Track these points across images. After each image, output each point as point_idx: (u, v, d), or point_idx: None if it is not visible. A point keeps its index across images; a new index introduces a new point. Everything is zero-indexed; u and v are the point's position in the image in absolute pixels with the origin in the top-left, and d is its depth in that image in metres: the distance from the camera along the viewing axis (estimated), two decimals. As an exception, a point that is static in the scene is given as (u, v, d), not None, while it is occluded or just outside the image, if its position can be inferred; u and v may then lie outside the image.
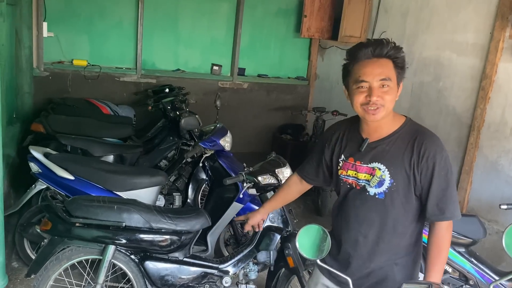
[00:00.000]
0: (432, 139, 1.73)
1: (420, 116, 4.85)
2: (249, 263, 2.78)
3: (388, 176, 1.73)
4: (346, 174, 1.85)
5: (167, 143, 4.59)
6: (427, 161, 1.69)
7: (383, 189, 1.75)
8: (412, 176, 1.71)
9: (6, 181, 3.37)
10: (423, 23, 4.87)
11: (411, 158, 1.70)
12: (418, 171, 1.70)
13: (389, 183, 1.73)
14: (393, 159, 1.73)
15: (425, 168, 1.69)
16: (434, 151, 1.70)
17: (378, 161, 1.76)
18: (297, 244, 1.69)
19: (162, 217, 2.55)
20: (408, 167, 1.71)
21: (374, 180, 1.76)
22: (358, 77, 1.71)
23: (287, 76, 7.14)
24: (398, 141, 1.75)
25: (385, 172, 1.73)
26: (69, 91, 5.72)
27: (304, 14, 6.49)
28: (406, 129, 1.78)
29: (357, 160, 1.82)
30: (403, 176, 1.72)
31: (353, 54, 1.75)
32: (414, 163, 1.70)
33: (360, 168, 1.81)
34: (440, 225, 1.75)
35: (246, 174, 2.79)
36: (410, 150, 1.71)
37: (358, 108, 1.74)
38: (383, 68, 1.69)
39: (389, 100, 1.70)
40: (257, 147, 6.78)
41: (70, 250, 2.51)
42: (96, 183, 3.24)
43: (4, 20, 3.80)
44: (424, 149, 1.69)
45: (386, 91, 1.69)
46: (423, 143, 1.70)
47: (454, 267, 3.06)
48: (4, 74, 3.66)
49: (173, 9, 6.19)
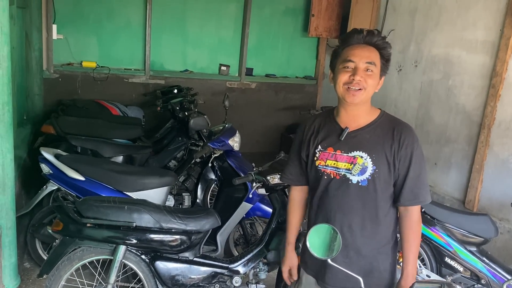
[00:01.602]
0: (409, 129, 1.83)
1: (429, 115, 4.82)
2: (259, 263, 2.78)
3: (370, 163, 1.78)
4: (325, 164, 1.87)
5: (176, 144, 4.61)
6: (406, 149, 1.78)
7: (366, 176, 1.79)
8: (392, 163, 1.79)
9: (17, 182, 3.41)
10: (432, 21, 4.84)
11: (392, 146, 1.78)
12: (398, 158, 1.78)
13: (372, 170, 1.78)
14: (374, 146, 1.80)
15: (404, 156, 1.78)
16: (412, 140, 1.79)
17: (359, 150, 1.80)
18: (307, 243, 1.69)
19: (172, 217, 2.56)
20: (389, 154, 1.78)
21: (356, 168, 1.80)
22: (346, 57, 1.80)
23: (295, 75, 7.14)
24: (377, 130, 1.82)
25: (367, 159, 1.79)
26: (79, 93, 5.77)
27: (312, 13, 6.48)
28: (383, 119, 1.86)
29: (337, 150, 1.84)
30: (384, 163, 1.79)
31: (345, 39, 1.85)
32: (394, 150, 1.78)
33: (341, 157, 1.83)
34: (414, 210, 1.85)
35: (255, 174, 2.80)
36: (390, 138, 1.79)
37: (340, 88, 1.81)
38: (370, 53, 1.79)
39: (371, 84, 1.78)
40: (266, 147, 6.78)
41: (82, 251, 2.53)
42: (106, 184, 3.26)
43: (14, 23, 3.84)
44: (404, 137, 1.78)
45: (370, 75, 1.78)
46: (402, 132, 1.79)
47: (465, 266, 3.04)
48: (15, 77, 3.70)
49: (180, 10, 6.21)
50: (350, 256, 1.86)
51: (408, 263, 1.85)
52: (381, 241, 1.88)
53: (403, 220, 1.87)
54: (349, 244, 1.84)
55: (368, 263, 1.87)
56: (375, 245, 1.87)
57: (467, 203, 4.29)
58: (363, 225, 1.85)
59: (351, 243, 1.85)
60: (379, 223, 1.86)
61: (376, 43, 1.80)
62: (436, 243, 3.07)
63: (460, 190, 4.44)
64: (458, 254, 3.03)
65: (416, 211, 1.85)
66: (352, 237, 1.85)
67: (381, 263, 1.89)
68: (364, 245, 1.86)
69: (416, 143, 1.80)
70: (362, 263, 1.87)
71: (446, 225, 3.06)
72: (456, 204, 4.39)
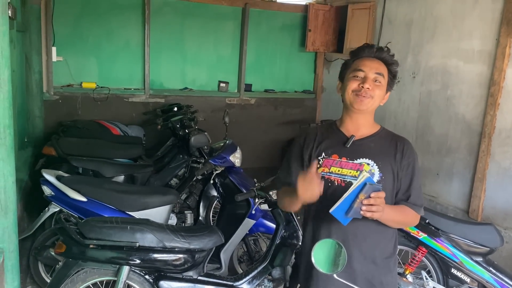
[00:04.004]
0: (408, 141, 1.92)
1: (429, 125, 4.83)
2: (264, 280, 2.76)
3: (377, 170, 1.83)
4: (329, 171, 1.86)
5: (177, 162, 4.61)
6: (408, 159, 1.86)
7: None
8: (396, 172, 1.84)
9: (19, 205, 3.40)
10: (428, 32, 4.88)
11: (396, 155, 1.85)
12: (401, 168, 1.85)
13: (379, 177, 1.82)
14: (380, 154, 1.85)
15: (406, 166, 1.85)
16: (412, 152, 1.89)
17: (365, 157, 1.84)
18: (312, 259, 1.68)
19: (175, 236, 2.55)
20: (394, 163, 1.84)
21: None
22: (356, 67, 1.87)
23: (294, 90, 7.17)
24: (381, 141, 1.89)
25: (374, 166, 1.83)
26: (79, 114, 5.80)
27: (309, 29, 6.55)
28: (384, 132, 1.94)
29: (342, 157, 1.86)
30: (390, 171, 1.84)
31: (357, 52, 1.93)
32: (398, 160, 1.85)
33: (346, 164, 1.85)
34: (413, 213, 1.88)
35: (258, 190, 2.79)
36: (393, 148, 1.87)
37: (349, 95, 1.86)
38: (380, 65, 1.87)
39: (378, 94, 1.84)
40: (267, 162, 6.78)
41: (85, 272, 2.51)
42: (109, 204, 3.25)
43: (14, 47, 3.88)
44: (406, 149, 1.87)
45: (378, 86, 1.85)
46: (404, 144, 1.88)
47: (472, 277, 3.01)
48: (16, 100, 3.73)
49: (178, 29, 6.27)
50: (353, 267, 1.84)
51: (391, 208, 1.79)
52: (383, 252, 1.89)
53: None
54: (352, 254, 1.83)
55: (371, 275, 1.87)
56: (378, 255, 1.88)
57: (471, 212, 4.27)
58: (366, 234, 1.85)
59: (354, 252, 1.84)
60: (381, 232, 1.87)
61: (385, 58, 1.89)
62: (442, 254, 3.05)
63: (463, 200, 4.42)
64: (465, 265, 3.00)
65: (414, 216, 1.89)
66: (356, 246, 1.85)
67: (383, 276, 1.89)
68: (367, 255, 1.86)
69: (416, 155, 1.90)
70: (365, 275, 1.86)
71: (451, 236, 3.04)
72: (460, 214, 4.37)
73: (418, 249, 3.13)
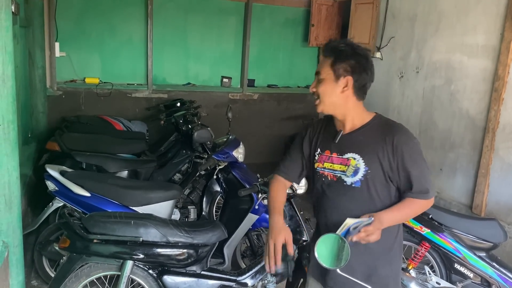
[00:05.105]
0: (401, 129, 1.83)
1: (433, 120, 4.81)
2: (267, 275, 2.76)
3: (363, 164, 1.81)
4: (322, 167, 1.93)
5: (180, 157, 4.61)
6: (401, 148, 1.77)
7: (359, 177, 1.82)
8: (387, 163, 1.79)
9: (23, 200, 3.41)
10: (432, 27, 4.85)
11: (383, 147, 1.79)
12: (394, 159, 1.78)
13: (364, 171, 1.81)
14: (366, 147, 1.83)
15: (400, 156, 1.77)
16: (404, 139, 1.79)
17: (352, 151, 1.85)
18: (316, 253, 1.68)
19: (178, 230, 2.55)
20: (382, 155, 1.79)
21: (349, 169, 1.84)
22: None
23: (297, 85, 7.16)
24: (369, 132, 1.85)
25: (359, 160, 1.82)
26: (82, 109, 5.80)
27: (312, 24, 6.52)
28: (376, 121, 1.88)
29: (333, 152, 1.91)
30: (376, 163, 1.80)
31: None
32: (387, 151, 1.79)
33: (336, 159, 1.89)
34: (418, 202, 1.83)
35: (261, 185, 2.79)
36: (382, 139, 1.80)
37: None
38: (322, 62, 1.87)
39: (322, 91, 1.85)
40: (270, 157, 6.77)
41: (89, 267, 2.52)
42: (112, 199, 3.26)
43: (17, 42, 3.88)
44: (395, 138, 1.78)
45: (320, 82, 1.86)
46: (393, 134, 1.80)
47: (475, 272, 3.01)
48: (19, 95, 3.73)
49: (181, 24, 6.26)
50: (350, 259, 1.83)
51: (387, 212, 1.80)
52: (382, 244, 1.84)
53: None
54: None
55: (367, 266, 1.88)
56: (376, 247, 1.85)
57: (475, 208, 4.27)
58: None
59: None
60: None
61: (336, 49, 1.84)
62: (445, 249, 3.05)
63: (467, 195, 4.41)
64: (468, 260, 3.00)
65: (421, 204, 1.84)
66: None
67: (381, 268, 1.89)
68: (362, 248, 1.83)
69: (409, 141, 1.80)
70: (362, 267, 1.87)
71: (454, 231, 3.04)
72: (463, 209, 4.36)
73: (421, 244, 3.13)
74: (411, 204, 1.82)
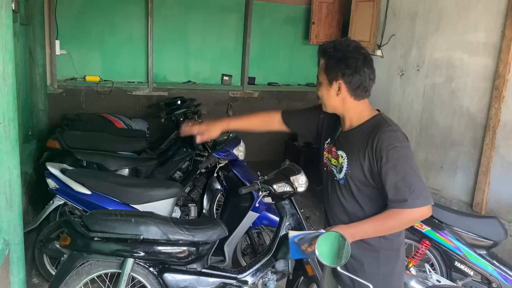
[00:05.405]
0: (386, 133, 1.78)
1: (434, 118, 4.81)
2: (268, 272, 2.77)
3: (346, 163, 1.87)
4: (326, 157, 2.03)
5: (181, 155, 4.61)
6: (380, 153, 1.75)
7: (342, 175, 1.89)
8: (368, 165, 1.80)
9: (24, 198, 3.42)
10: (433, 25, 4.84)
11: (365, 149, 1.81)
12: (374, 161, 1.78)
13: (346, 170, 1.87)
14: (351, 148, 1.87)
15: (379, 159, 1.76)
16: (386, 144, 1.75)
17: (342, 149, 1.92)
18: (316, 251, 1.68)
19: (179, 228, 2.56)
20: (362, 157, 1.81)
21: (338, 166, 1.92)
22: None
23: (297, 83, 7.15)
24: (359, 133, 1.87)
25: (345, 159, 1.88)
26: (83, 107, 5.81)
27: (312, 21, 6.51)
28: (371, 122, 1.87)
29: (333, 146, 1.99)
30: (356, 164, 1.83)
31: None
32: (368, 153, 1.79)
33: (334, 154, 1.97)
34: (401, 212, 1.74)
35: (261, 183, 2.79)
36: (365, 141, 1.82)
37: None
38: (319, 67, 1.94)
39: (322, 95, 1.92)
40: (271, 155, 6.78)
41: (90, 265, 2.53)
42: (113, 197, 3.26)
43: (18, 40, 3.88)
44: (377, 142, 1.77)
45: (319, 87, 1.94)
46: (376, 137, 1.78)
47: (476, 270, 3.02)
48: (20, 93, 3.73)
49: (182, 22, 6.26)
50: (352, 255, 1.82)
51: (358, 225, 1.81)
52: (369, 242, 1.87)
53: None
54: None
55: (354, 261, 1.89)
56: (362, 245, 1.87)
57: (475, 206, 4.26)
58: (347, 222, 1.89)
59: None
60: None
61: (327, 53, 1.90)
62: (445, 247, 3.05)
63: (467, 193, 4.41)
64: (468, 258, 3.01)
65: (402, 214, 1.74)
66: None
67: (366, 265, 1.90)
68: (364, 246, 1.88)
69: (392, 146, 1.74)
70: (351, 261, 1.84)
71: (455, 229, 3.04)
72: (463, 207, 4.36)
73: (422, 242, 3.13)
74: (391, 215, 1.76)
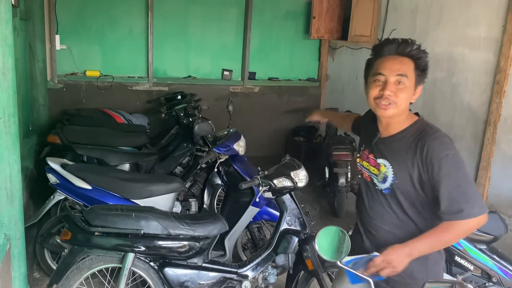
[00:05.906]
0: (436, 139, 1.68)
1: (434, 113, 4.80)
2: (268, 267, 2.78)
3: (391, 174, 1.75)
4: (361, 164, 1.93)
5: (181, 150, 4.61)
6: (432, 161, 1.65)
7: (387, 185, 1.77)
8: (417, 175, 1.69)
9: (25, 193, 3.42)
10: (434, 19, 4.83)
11: (414, 157, 1.69)
12: (424, 170, 1.67)
13: (392, 180, 1.75)
14: (396, 157, 1.75)
15: (431, 168, 1.65)
16: (438, 151, 1.65)
17: (384, 158, 1.79)
18: (316, 246, 1.69)
19: (179, 223, 2.56)
20: (411, 166, 1.70)
21: (380, 175, 1.81)
22: (376, 70, 1.75)
23: (298, 78, 7.13)
24: (403, 140, 1.75)
25: (389, 169, 1.76)
26: (83, 102, 5.80)
27: (313, 16, 6.48)
28: (414, 128, 1.76)
29: (370, 153, 1.88)
30: (404, 174, 1.72)
31: (377, 50, 1.80)
32: (417, 162, 1.68)
33: (372, 161, 1.86)
34: (457, 224, 1.65)
35: (262, 178, 2.79)
36: (413, 149, 1.70)
37: (371, 102, 1.78)
38: (402, 65, 1.72)
39: (402, 98, 1.71)
40: (271, 150, 6.77)
41: (90, 259, 2.53)
42: (113, 192, 3.27)
43: (18, 35, 3.87)
44: (427, 149, 1.66)
45: (401, 89, 1.71)
46: (426, 144, 1.67)
47: (476, 264, 3.02)
48: (20, 88, 3.73)
49: (182, 17, 6.24)
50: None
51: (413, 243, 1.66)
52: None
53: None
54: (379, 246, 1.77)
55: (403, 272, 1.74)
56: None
57: (475, 201, 4.26)
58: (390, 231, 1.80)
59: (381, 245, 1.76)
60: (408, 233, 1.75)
61: (410, 54, 1.74)
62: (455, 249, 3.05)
63: (467, 188, 4.41)
64: (468, 253, 3.01)
65: (459, 226, 1.64)
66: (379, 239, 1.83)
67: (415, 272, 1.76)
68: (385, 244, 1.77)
69: (444, 154, 1.64)
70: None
71: (455, 224, 3.03)
72: (464, 202, 4.36)
73: (422, 237, 3.13)
74: (447, 228, 1.65)
